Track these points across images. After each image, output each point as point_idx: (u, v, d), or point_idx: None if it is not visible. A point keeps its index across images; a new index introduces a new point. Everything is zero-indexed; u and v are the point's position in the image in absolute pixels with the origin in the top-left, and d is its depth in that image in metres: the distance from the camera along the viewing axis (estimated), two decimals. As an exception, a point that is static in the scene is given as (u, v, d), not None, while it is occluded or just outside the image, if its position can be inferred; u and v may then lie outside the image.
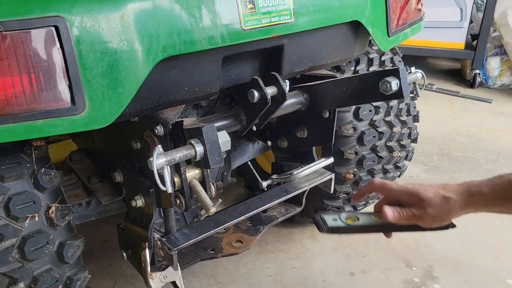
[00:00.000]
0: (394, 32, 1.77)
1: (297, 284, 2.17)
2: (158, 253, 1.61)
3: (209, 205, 1.35)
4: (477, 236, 2.50)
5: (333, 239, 2.49)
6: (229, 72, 1.47)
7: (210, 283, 2.18)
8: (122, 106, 1.17)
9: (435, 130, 3.80)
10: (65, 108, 1.08)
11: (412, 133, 2.18)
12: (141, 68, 1.16)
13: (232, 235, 1.91)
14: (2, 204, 1.21)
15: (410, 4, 1.85)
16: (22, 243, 1.23)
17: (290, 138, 1.93)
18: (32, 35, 1.01)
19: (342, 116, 1.95)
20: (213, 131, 1.21)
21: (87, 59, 1.08)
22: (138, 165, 1.58)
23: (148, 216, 1.55)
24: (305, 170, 1.80)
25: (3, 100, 1.01)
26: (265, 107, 1.45)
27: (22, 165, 1.27)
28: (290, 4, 1.41)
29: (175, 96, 1.33)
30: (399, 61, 2.13)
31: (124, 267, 2.27)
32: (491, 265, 2.28)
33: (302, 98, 1.67)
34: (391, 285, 2.16)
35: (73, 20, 1.05)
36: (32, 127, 1.06)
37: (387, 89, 1.39)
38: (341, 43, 1.68)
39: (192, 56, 1.28)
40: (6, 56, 0.99)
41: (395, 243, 2.45)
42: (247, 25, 1.32)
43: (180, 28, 1.20)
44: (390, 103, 2.02)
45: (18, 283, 1.24)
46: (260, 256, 2.36)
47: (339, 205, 2.23)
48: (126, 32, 1.12)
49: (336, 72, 1.94)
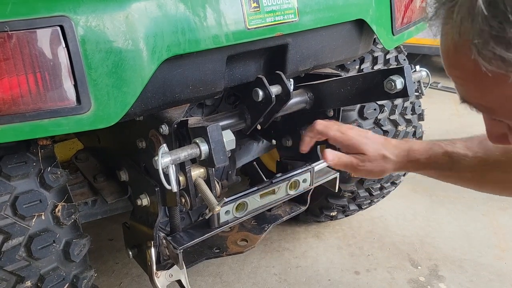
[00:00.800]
0: (399, 30, 1.77)
1: (302, 283, 2.17)
2: (164, 252, 1.61)
3: (214, 204, 1.35)
4: (482, 235, 2.49)
5: (338, 237, 2.49)
6: (233, 71, 1.48)
7: (215, 282, 2.19)
8: (127, 105, 1.18)
9: (440, 129, 3.78)
10: (70, 108, 1.09)
11: (417, 131, 2.18)
12: (146, 67, 1.17)
13: (237, 234, 1.91)
14: (9, 202, 1.21)
15: (414, 2, 1.85)
16: (29, 241, 1.24)
17: (295, 137, 1.93)
18: (38, 34, 1.02)
19: (347, 114, 1.94)
20: (218, 130, 1.21)
21: (92, 58, 1.08)
22: (143, 164, 1.59)
23: (153, 215, 1.56)
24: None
25: (9, 100, 1.02)
26: (269, 106, 1.45)
27: (28, 164, 1.28)
28: (294, 3, 1.41)
29: (180, 95, 1.33)
30: (403, 60, 2.12)
31: (130, 266, 2.28)
32: (496, 264, 2.27)
33: (307, 97, 1.67)
34: (396, 284, 2.15)
35: (78, 19, 1.05)
36: (38, 126, 1.06)
37: (391, 87, 1.39)
38: (345, 42, 1.68)
39: (197, 55, 1.28)
40: (12, 56, 1.00)
41: (400, 242, 2.44)
42: (251, 24, 1.32)
43: (185, 27, 1.21)
44: (395, 101, 2.02)
45: (25, 281, 1.25)
46: (265, 255, 2.36)
47: (344, 203, 2.23)
48: (131, 31, 1.12)
49: (341, 70, 1.94)
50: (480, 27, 0.56)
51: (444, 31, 0.66)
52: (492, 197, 2.86)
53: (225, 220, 1.59)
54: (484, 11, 0.55)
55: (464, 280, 2.17)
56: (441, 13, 0.64)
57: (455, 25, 0.61)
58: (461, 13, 0.59)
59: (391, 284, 2.15)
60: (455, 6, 0.60)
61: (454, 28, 0.61)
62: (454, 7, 0.60)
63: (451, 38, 0.64)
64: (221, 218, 1.57)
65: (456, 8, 0.59)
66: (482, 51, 0.58)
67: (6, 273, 1.21)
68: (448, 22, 0.63)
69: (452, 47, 0.65)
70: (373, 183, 2.15)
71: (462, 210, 2.75)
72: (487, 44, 0.57)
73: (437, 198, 2.89)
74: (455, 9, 0.60)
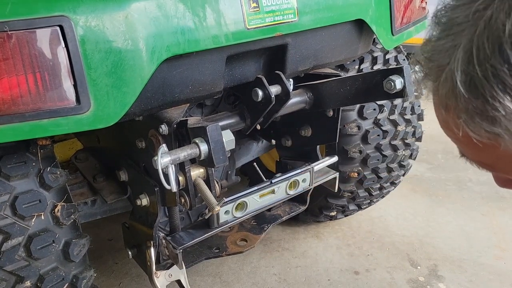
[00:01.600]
0: (398, 30, 1.77)
1: (302, 283, 2.17)
2: (163, 252, 1.62)
3: (214, 204, 1.36)
4: (482, 235, 2.49)
5: (337, 237, 2.49)
6: (233, 71, 1.48)
7: (214, 282, 2.19)
8: (127, 105, 1.18)
9: (439, 129, 3.73)
10: (70, 108, 1.09)
11: (417, 131, 2.18)
12: (146, 67, 1.17)
13: (236, 234, 1.91)
14: (8, 203, 1.21)
15: (414, 2, 1.85)
16: (28, 241, 1.24)
17: (294, 137, 1.93)
18: (37, 34, 1.02)
19: (346, 114, 1.94)
20: (218, 130, 1.21)
21: (92, 58, 1.08)
22: (143, 164, 1.59)
23: (153, 215, 1.56)
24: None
25: (9, 100, 1.02)
26: (269, 106, 1.46)
27: (28, 164, 1.28)
28: (294, 3, 1.41)
29: (180, 95, 1.33)
30: (403, 60, 2.12)
31: (129, 266, 2.28)
32: (495, 264, 2.27)
33: (306, 97, 1.67)
34: (395, 284, 2.15)
35: (78, 19, 1.05)
36: (37, 126, 1.06)
37: (391, 87, 1.39)
38: (345, 42, 1.68)
39: (196, 55, 1.28)
40: (11, 56, 1.00)
41: (399, 242, 2.45)
42: (251, 24, 1.32)
43: (184, 27, 1.21)
44: (394, 101, 2.02)
45: (25, 281, 1.25)
46: (264, 255, 2.36)
47: (343, 203, 2.23)
48: (130, 31, 1.12)
49: (340, 70, 1.94)
50: (464, 106, 0.57)
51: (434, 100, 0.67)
52: (491, 197, 2.86)
53: (225, 220, 1.59)
54: (464, 93, 0.56)
55: (463, 280, 2.17)
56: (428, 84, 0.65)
57: (442, 100, 0.62)
58: (445, 91, 0.59)
59: (391, 284, 2.15)
60: (439, 83, 0.60)
61: (441, 102, 0.62)
62: (438, 83, 0.61)
63: (439, 111, 0.65)
64: (220, 218, 1.57)
65: (440, 86, 0.60)
66: (469, 125, 0.59)
67: (6, 273, 1.21)
68: (435, 94, 0.64)
69: (442, 118, 0.66)
70: (372, 183, 2.15)
71: (462, 210, 2.75)
72: (473, 119, 0.57)
73: (437, 198, 2.89)
74: (439, 86, 0.60)
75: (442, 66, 0.59)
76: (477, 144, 0.61)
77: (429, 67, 0.63)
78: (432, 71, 0.62)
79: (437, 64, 0.60)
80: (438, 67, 0.60)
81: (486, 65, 0.53)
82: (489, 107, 0.55)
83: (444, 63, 0.59)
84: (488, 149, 0.61)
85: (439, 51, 0.60)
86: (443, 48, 0.59)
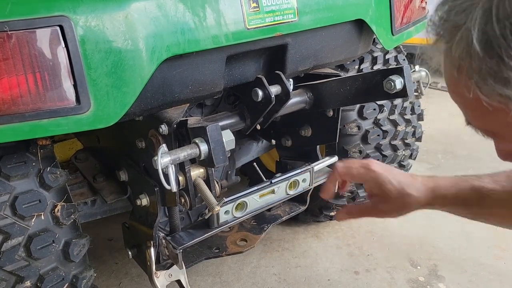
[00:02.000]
0: (398, 30, 1.77)
1: (302, 283, 2.17)
2: (163, 252, 1.61)
3: (214, 204, 1.36)
4: (482, 235, 2.49)
5: (337, 237, 2.49)
6: (233, 71, 1.48)
7: (214, 282, 2.19)
8: (127, 105, 1.18)
9: (439, 129, 3.78)
10: (70, 107, 1.09)
11: (417, 131, 2.18)
12: (146, 67, 1.17)
13: (236, 234, 1.91)
14: (8, 203, 1.21)
15: (414, 2, 1.85)
16: (28, 241, 1.24)
17: (294, 137, 1.93)
18: (37, 34, 1.02)
19: (346, 114, 1.94)
20: (217, 130, 1.21)
21: (91, 58, 1.08)
22: (143, 164, 1.59)
23: (153, 215, 1.56)
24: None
25: (9, 100, 1.02)
26: (269, 106, 1.46)
27: (28, 164, 1.28)
28: (294, 3, 1.41)
29: (179, 95, 1.33)
30: (403, 60, 2.12)
31: (129, 266, 2.28)
32: (496, 264, 2.27)
33: (306, 97, 1.68)
34: (395, 284, 2.15)
35: (78, 19, 1.05)
36: (37, 126, 1.07)
37: (391, 87, 1.39)
38: (345, 42, 1.68)
39: (196, 55, 1.28)
40: (11, 56, 1.00)
41: (399, 242, 2.44)
42: (251, 24, 1.32)
43: (184, 27, 1.21)
44: (394, 101, 2.02)
45: (25, 282, 1.25)
46: (264, 255, 2.36)
47: (343, 203, 2.23)
48: (130, 31, 1.12)
49: (340, 70, 1.94)
50: (477, 66, 0.57)
51: (445, 63, 0.66)
52: (491, 197, 2.85)
53: (225, 220, 1.59)
54: (479, 52, 0.56)
55: (463, 280, 2.17)
56: (441, 46, 0.64)
57: (454, 62, 0.61)
58: (459, 51, 0.59)
59: (391, 284, 2.15)
60: (452, 43, 0.60)
61: (454, 63, 0.62)
62: (451, 43, 0.60)
63: (451, 72, 0.64)
64: (220, 218, 1.57)
65: (454, 46, 0.60)
66: (481, 87, 0.58)
67: (6, 273, 1.21)
68: (448, 56, 0.63)
69: (453, 80, 0.66)
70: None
71: (462, 210, 2.74)
72: (485, 81, 0.57)
73: (437, 198, 2.89)
74: (453, 46, 0.60)
75: (458, 25, 0.59)
76: (487, 108, 0.60)
77: (444, 27, 0.62)
78: (446, 31, 0.62)
79: (453, 24, 0.60)
80: (454, 26, 0.60)
81: (505, 22, 0.53)
82: (504, 67, 0.54)
83: (460, 23, 0.58)
84: (497, 113, 0.61)
85: (456, 11, 0.59)
86: (460, 8, 0.59)
